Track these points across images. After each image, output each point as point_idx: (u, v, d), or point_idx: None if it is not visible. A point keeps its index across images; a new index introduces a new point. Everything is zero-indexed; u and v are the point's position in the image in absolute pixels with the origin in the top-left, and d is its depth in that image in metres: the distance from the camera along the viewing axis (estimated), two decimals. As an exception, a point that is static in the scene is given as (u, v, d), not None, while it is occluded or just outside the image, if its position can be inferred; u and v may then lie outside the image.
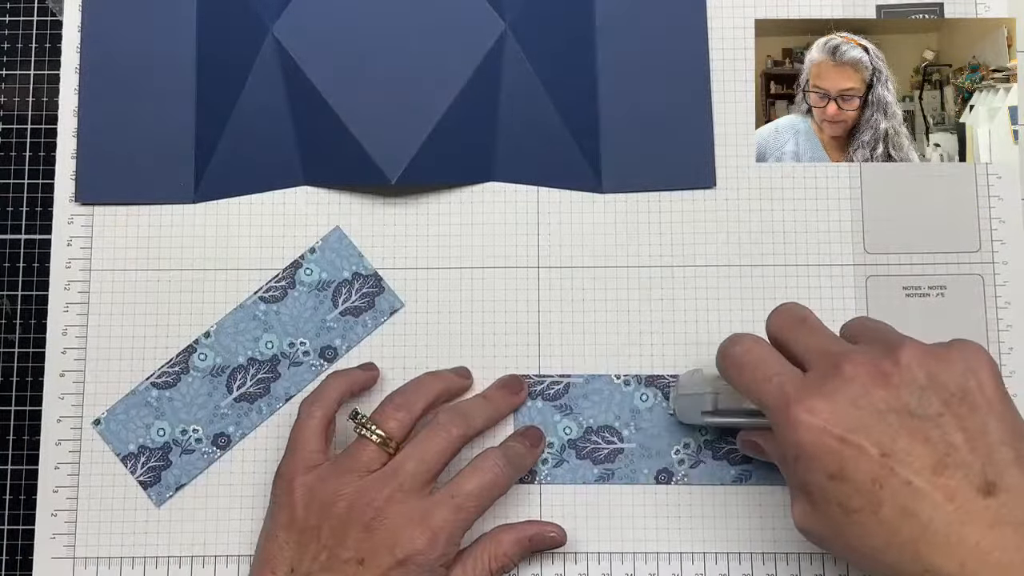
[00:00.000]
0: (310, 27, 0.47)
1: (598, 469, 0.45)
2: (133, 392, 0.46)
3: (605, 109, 0.47)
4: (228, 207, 0.47)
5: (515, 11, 0.47)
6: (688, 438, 0.45)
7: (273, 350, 0.46)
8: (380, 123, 0.45)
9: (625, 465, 0.45)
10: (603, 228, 0.47)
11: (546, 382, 0.46)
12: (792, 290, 0.46)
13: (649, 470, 0.45)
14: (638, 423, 0.45)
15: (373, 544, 0.38)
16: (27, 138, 0.47)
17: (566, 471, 0.45)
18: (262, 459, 0.45)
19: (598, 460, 0.45)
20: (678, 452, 0.45)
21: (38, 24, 0.48)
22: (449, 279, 0.47)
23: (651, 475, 0.45)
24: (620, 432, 0.45)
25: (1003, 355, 0.46)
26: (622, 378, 0.46)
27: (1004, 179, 0.47)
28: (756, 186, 0.47)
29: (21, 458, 0.46)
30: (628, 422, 0.45)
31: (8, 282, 0.47)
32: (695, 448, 0.45)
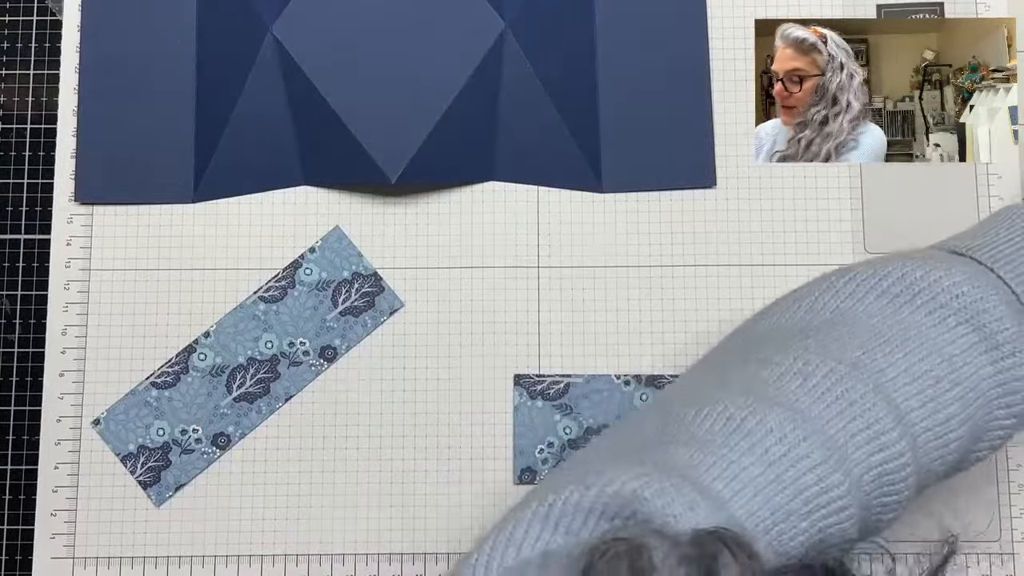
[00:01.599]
0: (310, 27, 0.47)
1: None
2: (133, 392, 0.46)
3: (605, 109, 0.47)
4: (228, 207, 0.47)
5: (515, 11, 0.47)
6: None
7: (273, 350, 0.46)
8: (380, 123, 0.45)
9: None
10: (603, 228, 0.47)
11: (546, 382, 0.46)
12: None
13: (649, 470, 0.45)
14: None
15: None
16: (27, 138, 0.47)
17: None
18: (262, 459, 0.45)
19: (598, 460, 0.45)
20: (678, 452, 0.45)
21: (38, 24, 0.48)
22: (449, 279, 0.47)
23: (651, 475, 0.45)
24: None
25: (1003, 355, 0.45)
26: (622, 378, 0.46)
27: (1004, 179, 0.47)
28: (756, 186, 0.47)
29: (21, 458, 0.46)
30: None
31: (8, 282, 0.47)
32: (695, 448, 0.45)
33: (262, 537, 0.45)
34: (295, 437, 0.45)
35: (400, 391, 0.46)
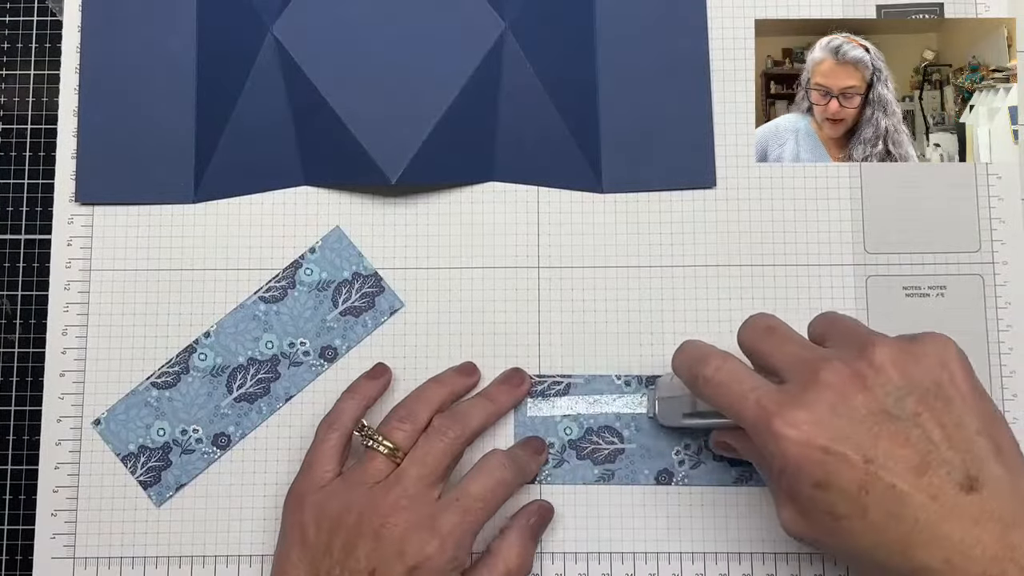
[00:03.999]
0: (310, 27, 0.47)
1: (598, 470, 0.45)
2: (133, 392, 0.46)
3: (605, 109, 0.47)
4: (228, 207, 0.47)
5: (515, 11, 0.47)
6: (688, 439, 0.45)
7: (273, 350, 0.46)
8: (380, 123, 0.45)
9: (625, 466, 0.45)
10: (603, 228, 0.47)
11: (547, 382, 0.46)
12: (792, 290, 0.46)
13: (649, 471, 0.45)
14: (638, 424, 0.45)
15: (383, 553, 0.38)
16: (27, 138, 0.47)
17: (566, 471, 0.45)
18: (262, 459, 0.45)
19: (598, 460, 0.45)
20: (678, 453, 0.45)
21: (38, 24, 0.48)
22: (449, 279, 0.47)
23: (651, 476, 0.45)
24: (620, 432, 0.45)
25: (1003, 355, 0.46)
26: (622, 378, 0.46)
27: (1004, 179, 0.47)
28: (756, 186, 0.47)
29: (21, 458, 0.46)
30: (629, 423, 0.45)
31: (8, 282, 0.47)
32: (695, 449, 0.45)
33: (263, 537, 0.45)
34: (295, 437, 0.45)
35: (400, 391, 0.46)
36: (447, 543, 0.38)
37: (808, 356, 0.35)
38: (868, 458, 0.32)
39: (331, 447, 0.42)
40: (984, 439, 0.32)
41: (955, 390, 0.33)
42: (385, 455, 0.41)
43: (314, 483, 0.41)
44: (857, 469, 0.32)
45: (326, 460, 0.42)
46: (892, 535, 0.32)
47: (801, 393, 0.34)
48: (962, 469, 0.32)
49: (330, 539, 0.39)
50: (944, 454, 0.32)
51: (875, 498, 0.32)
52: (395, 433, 0.41)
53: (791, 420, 0.33)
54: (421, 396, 0.43)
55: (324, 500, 0.40)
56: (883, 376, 0.33)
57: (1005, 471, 0.32)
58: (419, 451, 0.41)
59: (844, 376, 0.33)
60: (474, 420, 0.43)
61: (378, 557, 0.38)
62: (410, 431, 0.41)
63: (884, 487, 0.32)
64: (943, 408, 0.33)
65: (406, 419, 0.42)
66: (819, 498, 0.33)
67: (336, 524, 0.39)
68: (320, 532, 0.39)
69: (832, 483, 0.32)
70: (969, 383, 0.34)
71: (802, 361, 0.35)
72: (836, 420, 0.33)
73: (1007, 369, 0.45)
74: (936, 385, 0.33)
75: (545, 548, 0.45)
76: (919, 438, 0.32)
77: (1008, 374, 0.45)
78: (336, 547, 0.39)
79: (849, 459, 0.32)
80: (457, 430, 0.41)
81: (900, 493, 0.31)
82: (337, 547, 0.39)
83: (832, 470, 0.32)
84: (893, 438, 0.32)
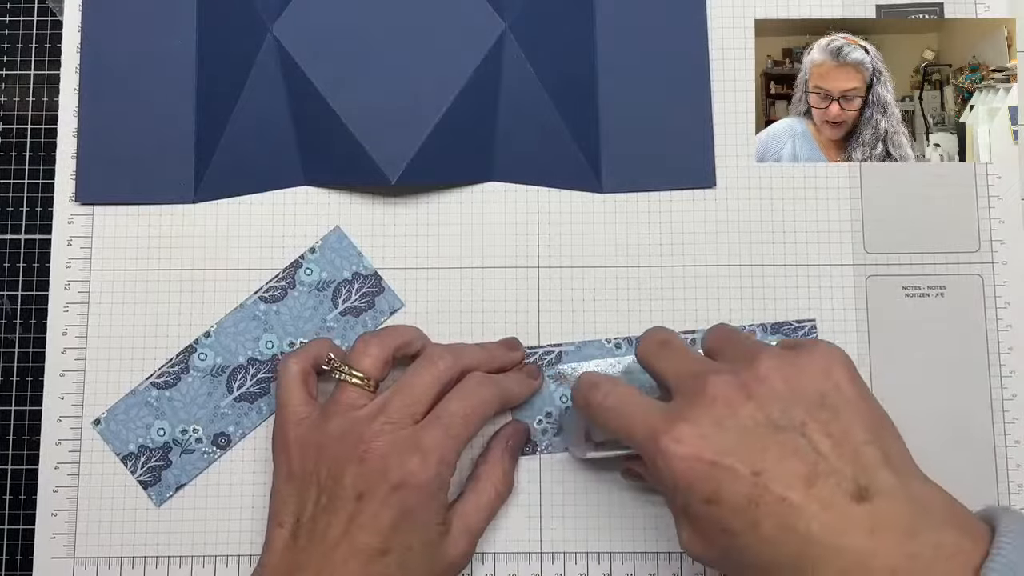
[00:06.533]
0: (310, 27, 0.47)
1: None
2: (133, 392, 0.46)
3: (605, 109, 0.47)
4: (228, 207, 0.47)
5: (515, 11, 0.47)
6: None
7: (273, 350, 0.46)
8: (380, 123, 0.45)
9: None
10: (603, 228, 0.47)
11: (538, 352, 0.46)
12: (792, 290, 0.46)
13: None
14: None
15: (367, 475, 0.38)
16: (27, 138, 0.47)
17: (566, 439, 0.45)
18: (262, 459, 0.45)
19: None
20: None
21: (38, 24, 0.48)
22: (449, 279, 0.47)
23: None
24: None
25: (1003, 355, 0.46)
26: (613, 341, 0.46)
27: (1004, 179, 0.47)
28: (756, 186, 0.47)
29: (21, 458, 0.46)
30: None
31: (8, 282, 0.47)
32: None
33: (263, 537, 0.45)
34: (295, 437, 0.45)
35: (400, 391, 0.46)
36: (430, 459, 0.38)
37: (697, 369, 0.35)
38: (756, 470, 0.31)
39: (292, 378, 0.41)
40: (872, 448, 0.32)
41: (841, 399, 0.33)
42: (355, 384, 0.40)
43: (292, 418, 0.41)
44: (746, 482, 0.31)
45: (294, 392, 0.41)
46: (787, 549, 0.31)
47: (688, 408, 0.33)
48: (852, 479, 0.31)
49: (315, 468, 0.39)
50: (833, 464, 0.31)
51: (766, 511, 0.31)
52: (362, 360, 0.41)
53: (677, 435, 0.33)
54: (389, 329, 0.43)
55: (306, 433, 0.40)
56: (767, 387, 0.33)
57: (896, 479, 0.31)
58: (406, 381, 0.40)
59: (730, 388, 0.33)
60: (466, 358, 0.42)
61: (364, 481, 0.38)
62: (377, 357, 0.41)
63: (774, 499, 0.31)
64: (829, 418, 0.32)
65: (371, 344, 0.41)
66: (711, 514, 0.32)
67: (319, 453, 0.39)
68: (305, 463, 0.40)
69: (722, 498, 0.32)
70: (855, 391, 0.33)
71: (691, 375, 0.35)
72: (723, 433, 0.32)
73: (1007, 369, 0.45)
74: (821, 395, 0.33)
75: (545, 548, 0.45)
76: (807, 449, 0.32)
77: (1008, 374, 0.45)
78: (322, 474, 0.39)
79: (737, 472, 0.32)
80: (448, 361, 0.41)
81: (791, 505, 0.31)
82: (323, 474, 0.39)
83: (721, 484, 0.32)
84: (781, 449, 0.32)
